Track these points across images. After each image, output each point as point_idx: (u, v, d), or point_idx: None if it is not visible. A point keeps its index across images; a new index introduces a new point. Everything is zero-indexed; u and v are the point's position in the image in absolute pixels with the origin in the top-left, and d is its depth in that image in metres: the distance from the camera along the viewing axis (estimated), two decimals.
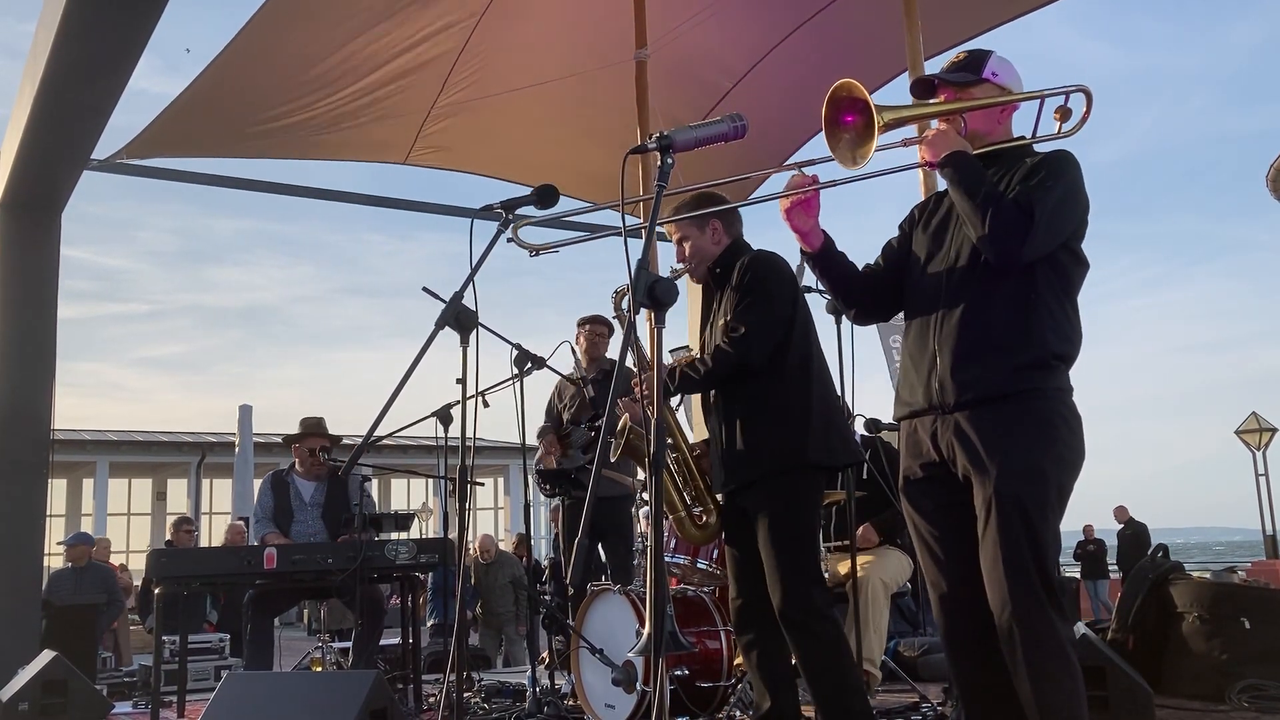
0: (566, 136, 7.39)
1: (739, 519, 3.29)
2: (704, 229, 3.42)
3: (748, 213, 3.65)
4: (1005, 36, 7.07)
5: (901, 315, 2.81)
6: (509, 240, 2.86)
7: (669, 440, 3.56)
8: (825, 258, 2.79)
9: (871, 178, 2.65)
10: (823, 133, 2.50)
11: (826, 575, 4.28)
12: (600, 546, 5.59)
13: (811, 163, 2.95)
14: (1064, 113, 2.49)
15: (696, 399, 3.54)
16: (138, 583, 11.50)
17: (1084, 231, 2.56)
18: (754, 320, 3.22)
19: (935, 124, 2.62)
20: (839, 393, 3.89)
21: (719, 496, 3.41)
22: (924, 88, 2.69)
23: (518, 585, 9.90)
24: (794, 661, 3.31)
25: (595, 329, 5.69)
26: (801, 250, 2.80)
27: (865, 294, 2.83)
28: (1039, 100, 2.54)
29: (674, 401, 3.64)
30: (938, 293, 2.60)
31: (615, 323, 3.80)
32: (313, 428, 5.54)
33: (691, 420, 6.71)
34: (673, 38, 6.34)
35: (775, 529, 3.15)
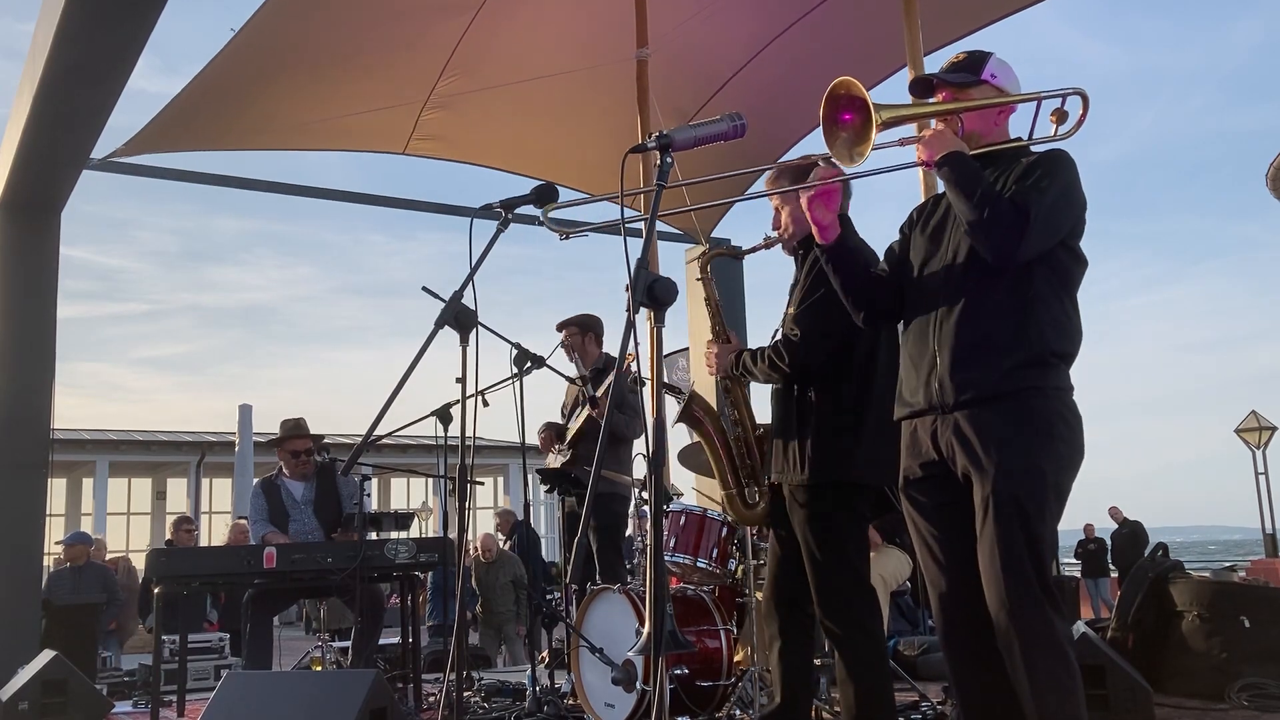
0: (566, 126, 7.38)
1: (785, 509, 3.28)
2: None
3: (754, 206, 3.55)
4: (1004, 36, 7.09)
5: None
6: (539, 223, 2.83)
7: (734, 416, 3.55)
8: (839, 253, 2.78)
9: (870, 175, 2.66)
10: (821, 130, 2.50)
11: None
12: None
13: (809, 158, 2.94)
14: (1060, 115, 2.51)
15: None
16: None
17: (1082, 229, 2.57)
18: (811, 326, 3.19)
19: (933, 124, 2.63)
20: None
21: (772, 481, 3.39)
22: (923, 87, 2.71)
23: (518, 585, 9.91)
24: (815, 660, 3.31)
25: (569, 332, 5.69)
26: (816, 244, 2.79)
27: (875, 297, 2.80)
28: (1035, 102, 2.56)
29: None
30: (936, 293, 2.61)
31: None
32: (292, 430, 5.54)
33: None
34: (673, 28, 6.32)
35: (815, 541, 3.14)
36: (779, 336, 3.31)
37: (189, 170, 7.27)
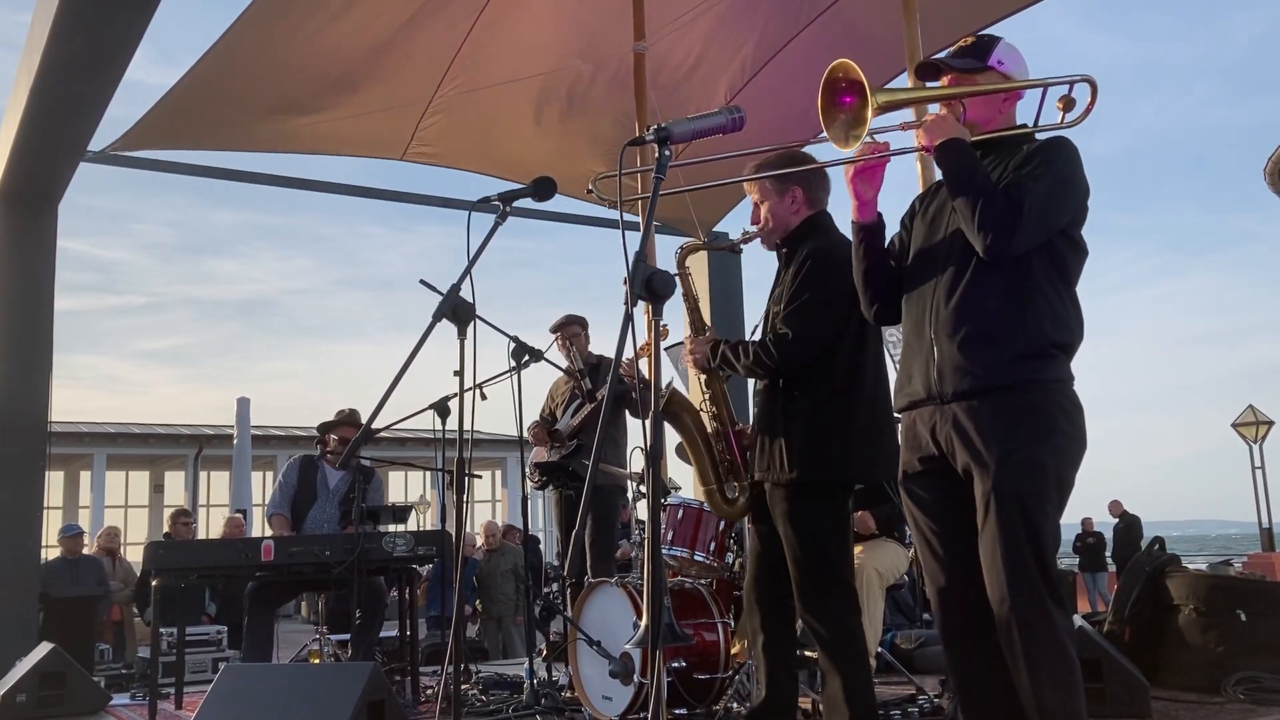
0: (564, 139, 7.40)
1: (766, 505, 3.28)
2: (784, 195, 3.28)
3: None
4: (1004, 29, 7.05)
5: None
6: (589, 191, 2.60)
7: (714, 411, 3.54)
8: (874, 233, 2.74)
9: (870, 160, 2.64)
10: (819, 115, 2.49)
11: None
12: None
13: (805, 143, 2.92)
14: (1067, 102, 2.46)
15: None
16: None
17: (1083, 218, 2.53)
18: (801, 326, 3.15)
19: (935, 108, 2.62)
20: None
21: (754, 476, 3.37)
22: (929, 71, 2.68)
23: (518, 575, 9.93)
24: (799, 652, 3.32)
25: (569, 330, 5.69)
26: (853, 221, 2.74)
27: (889, 290, 2.77)
28: (1042, 89, 2.53)
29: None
30: (934, 282, 2.59)
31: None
32: (346, 419, 5.61)
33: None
34: (673, 45, 6.33)
35: (797, 539, 3.14)
36: (768, 333, 3.28)
37: (186, 163, 7.25)
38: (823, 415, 3.16)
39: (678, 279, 3.60)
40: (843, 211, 3.39)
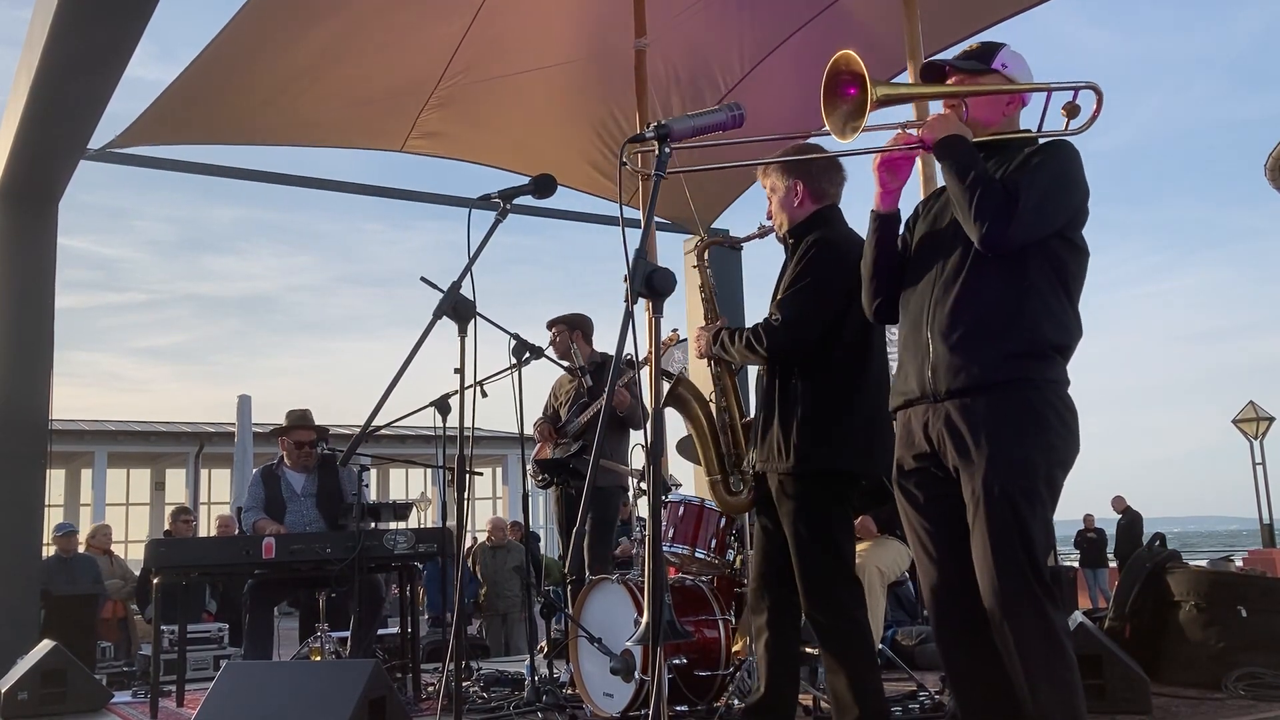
0: (564, 126, 7.38)
1: (769, 497, 3.26)
2: (788, 188, 3.28)
3: (755, 199, 3.56)
4: (1006, 23, 7.02)
5: None
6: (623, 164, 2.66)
7: (723, 403, 3.52)
8: (891, 224, 2.74)
9: (868, 153, 2.65)
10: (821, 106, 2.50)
11: None
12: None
13: (807, 136, 2.92)
14: (1072, 109, 2.47)
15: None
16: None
17: (1082, 220, 2.54)
18: (794, 313, 3.14)
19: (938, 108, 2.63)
20: None
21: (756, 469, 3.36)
22: (934, 72, 2.69)
23: (522, 572, 9.95)
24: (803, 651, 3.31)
25: (557, 328, 5.71)
26: (872, 210, 2.74)
27: (892, 288, 2.76)
28: (1046, 94, 2.53)
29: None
30: (932, 280, 2.59)
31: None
32: (298, 420, 5.53)
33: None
34: (673, 38, 6.32)
35: (800, 530, 3.12)
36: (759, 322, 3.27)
37: (186, 160, 7.24)
38: (822, 405, 3.14)
39: (696, 270, 3.63)
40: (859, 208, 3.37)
